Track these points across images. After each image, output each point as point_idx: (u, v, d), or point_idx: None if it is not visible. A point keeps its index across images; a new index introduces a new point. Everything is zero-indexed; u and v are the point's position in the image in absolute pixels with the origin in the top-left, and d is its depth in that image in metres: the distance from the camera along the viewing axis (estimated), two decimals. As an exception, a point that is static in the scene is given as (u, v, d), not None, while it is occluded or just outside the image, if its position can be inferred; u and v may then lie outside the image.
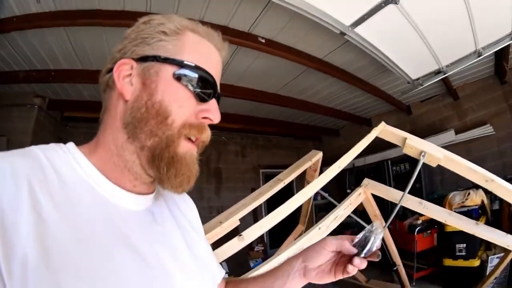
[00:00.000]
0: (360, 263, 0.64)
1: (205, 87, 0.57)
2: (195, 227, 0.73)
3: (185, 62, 0.55)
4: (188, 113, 0.56)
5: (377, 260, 0.65)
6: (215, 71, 0.60)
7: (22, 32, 3.11)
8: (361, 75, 4.75)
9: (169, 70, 0.55)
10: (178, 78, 0.55)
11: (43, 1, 2.74)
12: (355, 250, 0.66)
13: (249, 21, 3.31)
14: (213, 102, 0.59)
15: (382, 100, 5.66)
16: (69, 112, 5.36)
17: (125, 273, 0.48)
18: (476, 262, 3.59)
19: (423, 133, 5.60)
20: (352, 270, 0.65)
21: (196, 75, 0.56)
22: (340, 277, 0.68)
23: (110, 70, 0.57)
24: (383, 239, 2.64)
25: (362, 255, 0.64)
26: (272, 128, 7.28)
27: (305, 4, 2.58)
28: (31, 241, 0.41)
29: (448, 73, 3.95)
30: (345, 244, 0.68)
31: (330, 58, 4.18)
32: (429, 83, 4.19)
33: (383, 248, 2.84)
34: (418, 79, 4.17)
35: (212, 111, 0.58)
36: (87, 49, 3.62)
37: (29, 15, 2.86)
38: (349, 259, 0.66)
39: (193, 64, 0.56)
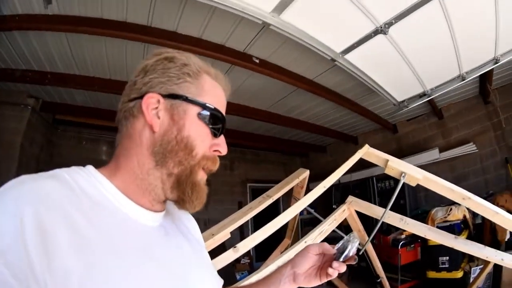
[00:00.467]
0: (339, 266, 0.76)
1: (218, 124, 0.67)
2: (199, 240, 0.84)
3: (207, 105, 0.65)
4: (206, 147, 0.66)
5: (353, 263, 0.78)
6: (223, 109, 0.70)
7: (23, 31, 3.11)
8: (349, 95, 4.88)
9: (194, 110, 0.64)
10: (201, 117, 0.65)
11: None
12: (334, 250, 0.79)
13: (245, 41, 3.40)
14: (222, 137, 0.70)
15: (368, 119, 5.78)
16: (60, 115, 5.33)
17: (154, 282, 0.55)
18: (459, 274, 3.72)
19: (408, 151, 5.79)
20: (333, 272, 0.76)
21: (214, 115, 0.66)
22: (324, 280, 0.80)
23: (134, 99, 0.64)
24: (367, 253, 2.75)
25: (341, 259, 0.77)
26: (261, 143, 7.32)
27: (300, 32, 2.72)
28: (72, 256, 0.46)
29: (433, 96, 4.07)
30: (325, 245, 0.81)
31: (319, 80, 4.31)
32: (414, 105, 4.31)
33: (367, 261, 2.93)
34: (403, 101, 4.30)
35: (222, 146, 0.69)
36: (86, 55, 3.64)
37: (31, 16, 2.87)
38: (331, 264, 0.78)
39: (212, 107, 0.66)
